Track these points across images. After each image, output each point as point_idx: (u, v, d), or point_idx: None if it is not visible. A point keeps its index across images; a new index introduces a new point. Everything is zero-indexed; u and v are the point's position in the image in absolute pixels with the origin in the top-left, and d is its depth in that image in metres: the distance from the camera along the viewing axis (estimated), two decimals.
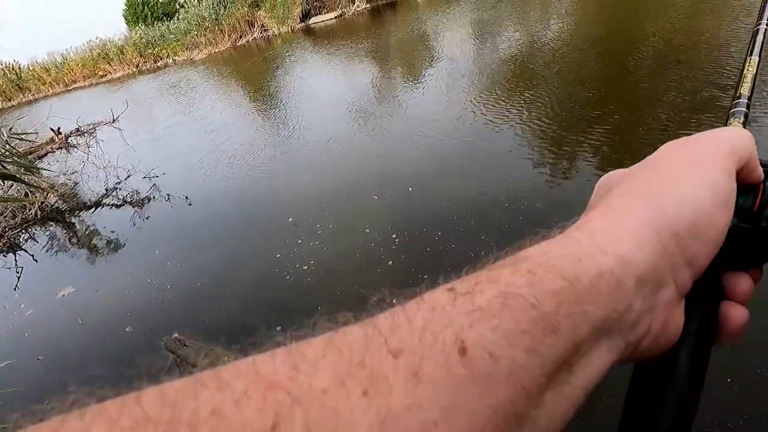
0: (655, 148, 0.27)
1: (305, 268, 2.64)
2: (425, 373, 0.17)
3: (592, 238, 0.22)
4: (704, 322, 0.25)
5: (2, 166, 3.16)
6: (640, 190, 0.24)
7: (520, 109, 4.08)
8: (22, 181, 3.37)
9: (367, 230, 2.85)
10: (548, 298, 0.19)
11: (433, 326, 0.18)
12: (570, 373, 0.19)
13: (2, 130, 5.38)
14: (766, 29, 0.62)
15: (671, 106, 3.32)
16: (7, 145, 3.38)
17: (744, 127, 0.37)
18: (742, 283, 0.26)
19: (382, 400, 0.16)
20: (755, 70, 0.50)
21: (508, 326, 0.18)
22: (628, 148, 2.95)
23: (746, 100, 0.42)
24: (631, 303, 0.21)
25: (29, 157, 6.19)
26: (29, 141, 6.11)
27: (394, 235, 2.71)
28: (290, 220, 3.27)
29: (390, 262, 2.50)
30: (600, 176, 0.28)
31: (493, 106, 4.35)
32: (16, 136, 5.40)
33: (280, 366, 0.17)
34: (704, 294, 0.25)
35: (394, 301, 0.21)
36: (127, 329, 2.62)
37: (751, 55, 0.54)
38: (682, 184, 0.23)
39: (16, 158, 3.44)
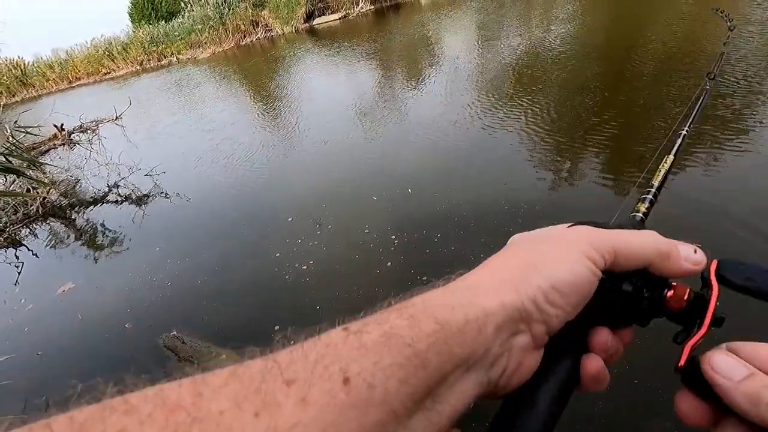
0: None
1: (304, 267, 2.65)
2: (312, 398, 0.20)
3: (466, 291, 0.27)
4: (563, 368, 0.29)
5: (6, 159, 3.16)
6: (518, 259, 0.30)
7: (520, 113, 4.09)
8: (26, 176, 3.36)
9: (367, 231, 2.86)
10: (422, 339, 0.23)
11: (325, 360, 0.21)
12: (435, 401, 0.23)
13: (6, 125, 5.39)
14: (685, 135, 0.69)
15: (669, 114, 3.32)
16: (12, 139, 3.36)
17: (649, 212, 0.46)
18: (602, 338, 0.30)
19: (272, 420, 0.19)
20: (669, 167, 0.56)
21: (387, 361, 0.21)
22: (625, 154, 2.96)
23: (656, 191, 0.49)
24: (489, 346, 0.25)
25: (32, 153, 6.21)
26: (33, 135, 6.13)
27: (394, 237, 2.72)
28: (289, 219, 3.28)
29: (389, 263, 2.50)
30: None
31: (492, 110, 4.36)
32: (21, 129, 5.41)
33: (185, 393, 0.19)
34: (569, 343, 0.30)
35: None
36: (126, 325, 2.63)
37: (669, 153, 0.61)
38: (549, 262, 0.28)
39: (20, 152, 3.43)
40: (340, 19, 18.84)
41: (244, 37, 19.90)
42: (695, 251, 0.30)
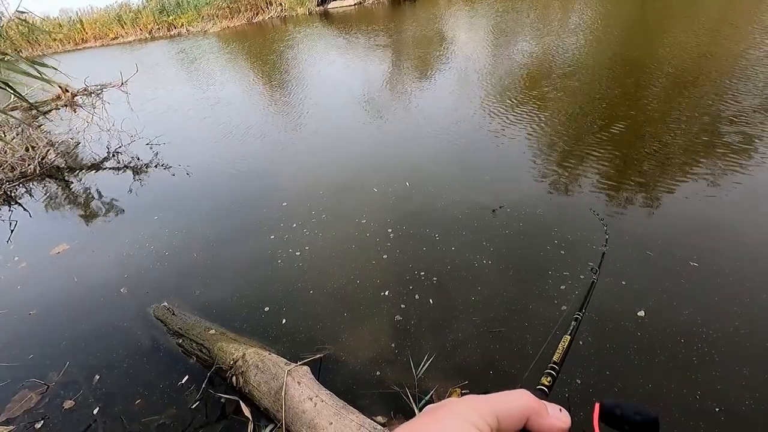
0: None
1: (298, 253, 2.65)
2: None
3: None
4: None
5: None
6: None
7: (527, 118, 4.07)
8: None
9: (364, 221, 2.86)
10: None
11: None
12: None
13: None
14: (581, 318, 0.80)
15: (673, 129, 3.33)
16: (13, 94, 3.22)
17: (552, 385, 0.54)
18: None
19: None
20: (567, 346, 0.67)
21: None
22: (627, 167, 2.96)
23: (557, 366, 0.60)
24: None
25: (33, 112, 6.13)
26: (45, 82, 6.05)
27: (390, 230, 2.72)
28: (284, 204, 3.27)
29: (385, 256, 2.51)
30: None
31: (499, 112, 4.35)
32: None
33: None
34: None
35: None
36: (122, 290, 2.63)
37: (567, 333, 0.71)
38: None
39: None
40: (355, 5, 18.62)
41: (257, 14, 19.65)
42: (560, 410, 0.34)
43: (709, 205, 2.45)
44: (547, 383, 0.55)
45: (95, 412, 1.85)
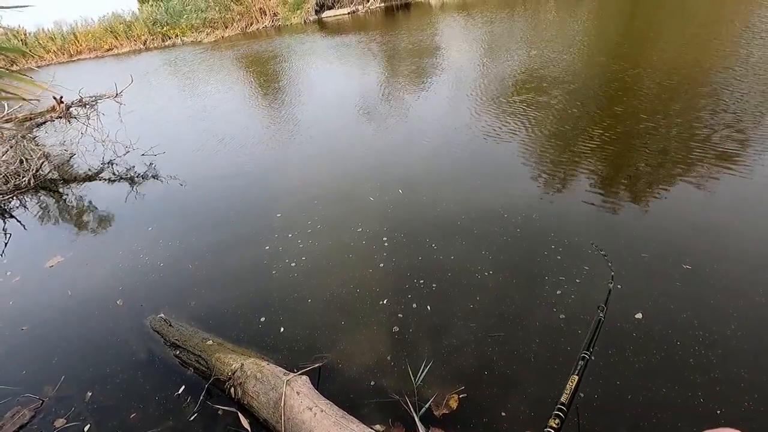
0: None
1: (293, 264, 2.64)
2: None
3: None
4: None
5: None
6: None
7: (521, 124, 4.11)
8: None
9: (359, 229, 2.86)
10: None
11: None
12: None
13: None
14: (588, 358, 0.78)
15: (665, 137, 3.36)
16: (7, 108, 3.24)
17: (560, 427, 0.52)
18: None
19: None
20: (575, 387, 0.65)
21: None
22: (620, 173, 2.98)
23: (565, 408, 0.56)
24: None
25: (27, 123, 6.11)
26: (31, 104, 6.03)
27: (384, 238, 2.72)
28: (278, 215, 3.26)
29: (381, 264, 2.50)
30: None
31: (492, 119, 4.38)
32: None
33: None
34: None
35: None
36: (118, 302, 2.61)
37: (574, 373, 0.69)
38: None
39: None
40: (349, 14, 18.79)
41: (251, 24, 19.76)
42: None
43: (699, 208, 2.48)
44: (555, 425, 0.54)
45: (87, 428, 1.82)
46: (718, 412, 1.43)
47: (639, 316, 1.83)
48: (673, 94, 4.08)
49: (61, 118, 5.82)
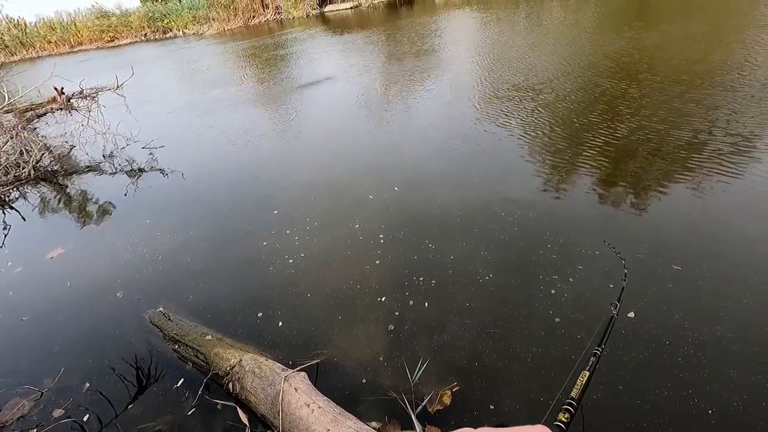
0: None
1: (291, 261, 2.65)
2: None
3: None
4: None
5: None
6: None
7: (520, 124, 4.11)
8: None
9: (357, 226, 2.87)
10: None
11: None
12: None
13: (4, 83, 5.26)
14: (600, 354, 0.79)
15: (665, 140, 3.37)
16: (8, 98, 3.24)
17: (569, 422, 0.53)
18: None
19: None
20: (586, 382, 0.66)
21: None
22: (618, 173, 2.99)
23: (575, 403, 0.58)
24: None
25: (27, 114, 6.10)
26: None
27: (381, 236, 2.73)
28: (275, 212, 3.27)
29: (377, 261, 2.52)
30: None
31: (491, 119, 4.38)
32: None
33: None
34: None
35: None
36: (118, 294, 2.62)
37: (586, 369, 0.70)
38: None
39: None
40: (351, 8, 18.69)
41: (253, 17, 19.67)
42: None
43: (694, 209, 2.49)
44: (564, 419, 0.54)
45: (86, 418, 1.84)
46: (710, 412, 1.45)
47: (631, 315, 1.85)
48: (674, 94, 4.08)
49: (62, 109, 5.81)
